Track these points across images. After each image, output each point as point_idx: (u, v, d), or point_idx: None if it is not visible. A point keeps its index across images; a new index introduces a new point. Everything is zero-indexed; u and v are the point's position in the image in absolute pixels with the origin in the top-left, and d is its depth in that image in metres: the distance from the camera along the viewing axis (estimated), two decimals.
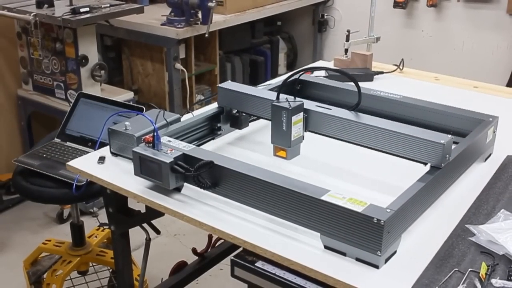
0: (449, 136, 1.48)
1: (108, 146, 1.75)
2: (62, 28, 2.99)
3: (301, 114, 1.65)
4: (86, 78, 3.10)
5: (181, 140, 1.61)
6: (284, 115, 1.61)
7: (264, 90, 1.86)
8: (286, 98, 1.64)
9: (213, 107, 1.89)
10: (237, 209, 1.45)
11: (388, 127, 1.56)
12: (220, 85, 1.83)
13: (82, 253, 2.49)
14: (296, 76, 1.88)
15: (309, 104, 1.69)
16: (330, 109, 1.67)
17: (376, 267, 1.25)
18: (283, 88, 1.69)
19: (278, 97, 1.66)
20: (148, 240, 2.00)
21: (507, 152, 1.76)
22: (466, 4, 4.00)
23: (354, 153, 1.68)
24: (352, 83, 2.11)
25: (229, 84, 1.86)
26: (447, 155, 1.46)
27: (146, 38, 3.59)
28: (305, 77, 2.15)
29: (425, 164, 1.49)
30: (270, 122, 1.68)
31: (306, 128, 1.69)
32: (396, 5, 4.10)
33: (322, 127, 1.67)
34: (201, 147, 1.70)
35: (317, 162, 1.72)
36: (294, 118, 1.62)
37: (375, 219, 1.21)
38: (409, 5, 4.17)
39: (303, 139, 1.69)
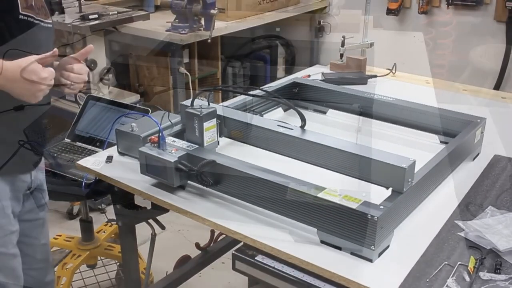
0: (412, 159, 1.32)
1: (115, 146, 1.75)
2: (72, 34, 2.98)
3: (214, 120, 1.62)
4: (95, 81, 3.10)
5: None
6: (196, 121, 1.59)
7: (223, 107, 1.73)
8: (200, 105, 1.61)
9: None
10: (238, 205, 1.45)
11: (334, 145, 1.44)
12: (183, 102, 1.68)
13: (91, 247, 2.49)
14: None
15: (227, 112, 1.66)
16: (291, 129, 1.56)
17: (370, 260, 1.25)
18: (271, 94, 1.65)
19: (192, 104, 1.63)
20: (153, 235, 2.00)
21: (494, 152, 1.76)
22: (456, 11, 3.99)
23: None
24: (347, 86, 2.12)
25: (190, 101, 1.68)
26: (410, 179, 1.33)
27: (151, 43, 3.58)
28: (302, 80, 2.16)
29: (387, 188, 1.35)
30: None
31: (222, 134, 1.67)
32: (389, 12, 4.10)
33: (247, 138, 1.64)
34: None
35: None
36: (206, 124, 1.59)
37: (369, 215, 1.21)
38: (401, 12, 4.16)
39: (218, 144, 1.66)
